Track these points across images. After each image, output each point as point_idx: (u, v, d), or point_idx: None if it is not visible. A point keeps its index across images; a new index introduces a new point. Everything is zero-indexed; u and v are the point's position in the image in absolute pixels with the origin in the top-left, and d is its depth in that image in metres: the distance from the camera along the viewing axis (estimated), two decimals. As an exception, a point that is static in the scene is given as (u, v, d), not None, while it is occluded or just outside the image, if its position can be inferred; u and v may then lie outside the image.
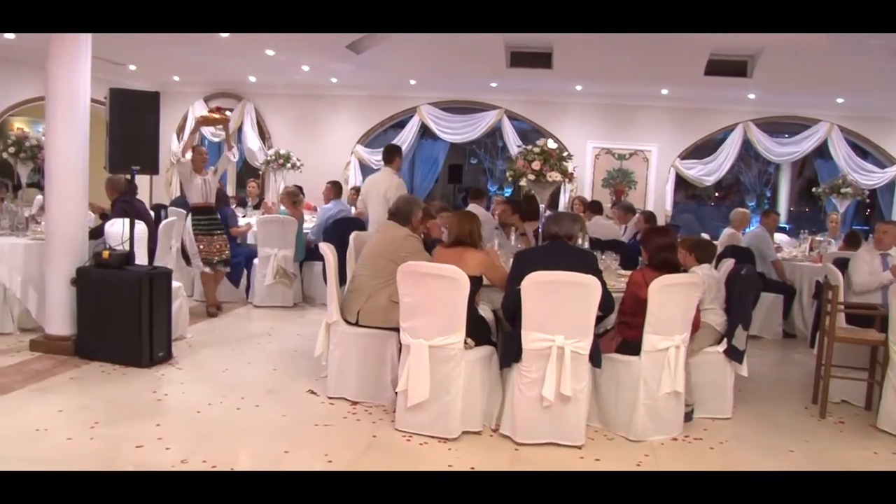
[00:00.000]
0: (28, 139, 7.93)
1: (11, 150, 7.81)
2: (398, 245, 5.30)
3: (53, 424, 4.56)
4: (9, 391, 5.20)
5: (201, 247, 7.63)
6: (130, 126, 6.00)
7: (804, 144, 12.41)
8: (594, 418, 4.82)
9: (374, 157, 12.65)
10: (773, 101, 11.62)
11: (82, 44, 6.13)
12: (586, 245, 6.08)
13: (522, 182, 6.56)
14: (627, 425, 4.72)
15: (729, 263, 5.63)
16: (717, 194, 18.40)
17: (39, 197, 8.80)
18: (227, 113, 5.59)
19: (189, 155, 7.70)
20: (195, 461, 4.11)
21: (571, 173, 6.62)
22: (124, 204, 6.84)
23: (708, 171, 12.42)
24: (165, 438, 4.43)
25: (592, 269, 4.59)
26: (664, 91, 11.37)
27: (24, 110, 10.25)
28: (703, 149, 12.62)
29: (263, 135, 12.98)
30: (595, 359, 4.58)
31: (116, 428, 4.60)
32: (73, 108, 6.01)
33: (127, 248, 6.16)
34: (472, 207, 8.65)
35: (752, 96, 11.26)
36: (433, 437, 4.57)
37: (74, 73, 5.99)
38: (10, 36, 8.12)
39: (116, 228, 6.53)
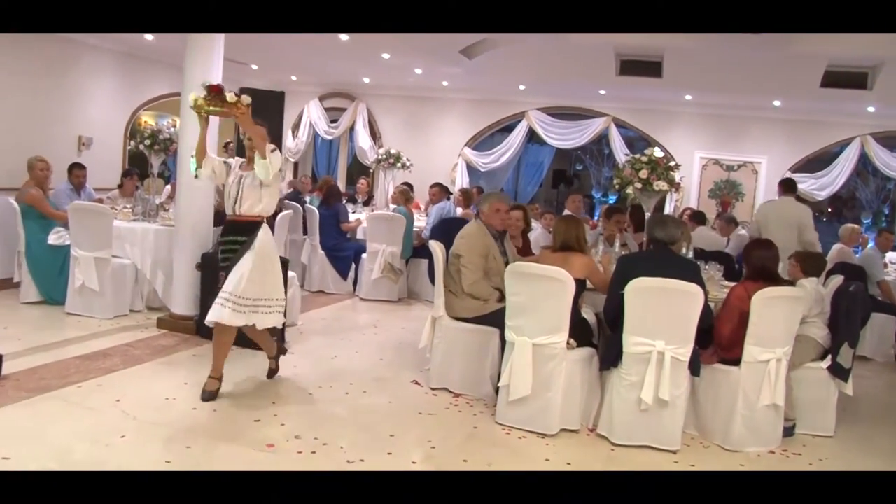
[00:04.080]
0: (161, 132, 8.47)
1: (147, 142, 8.35)
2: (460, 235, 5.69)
3: (180, 395, 4.97)
4: (140, 362, 5.68)
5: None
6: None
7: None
8: (691, 425, 4.87)
9: (482, 159, 12.85)
10: (895, 114, 11.24)
11: (216, 44, 6.54)
12: (690, 255, 6.12)
13: (629, 190, 6.63)
14: (724, 434, 4.77)
15: (838, 280, 5.57)
16: (829, 209, 17.85)
17: (168, 186, 9.38)
18: (243, 98, 4.86)
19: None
20: (308, 437, 4.40)
21: (678, 183, 6.64)
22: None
23: (821, 186, 12.09)
24: (280, 416, 4.75)
25: (696, 278, 4.65)
26: (776, 102, 11.16)
27: (153, 106, 10.88)
28: (815, 162, 12.29)
29: (374, 134, 13.34)
30: (694, 367, 4.65)
31: (235, 402, 4.98)
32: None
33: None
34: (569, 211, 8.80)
35: (871, 109, 10.93)
36: (532, 432, 4.73)
37: (207, 72, 6.38)
38: (149, 37, 8.67)
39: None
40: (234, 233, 5.01)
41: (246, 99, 4.85)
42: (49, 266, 7.34)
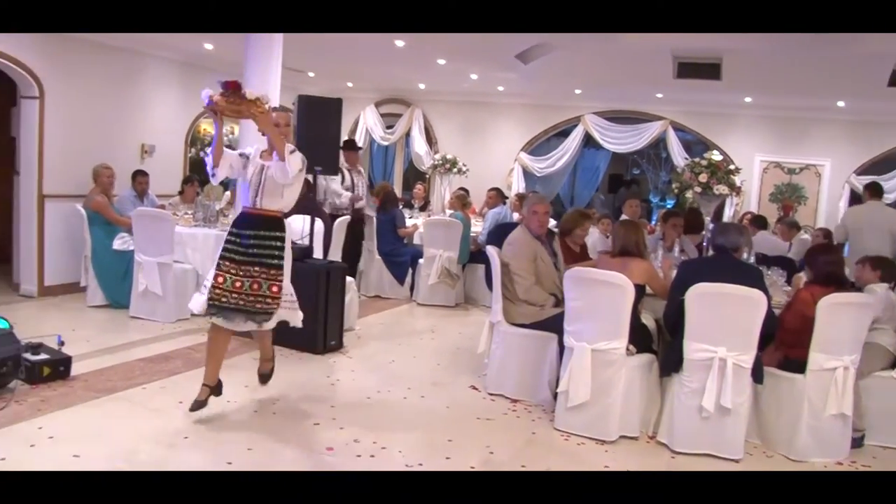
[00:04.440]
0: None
1: (207, 150, 8.51)
2: None
3: (241, 398, 5.06)
4: (201, 365, 5.71)
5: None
6: (315, 130, 6.45)
7: None
8: (753, 434, 4.78)
9: (538, 164, 12.79)
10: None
11: (274, 52, 6.64)
12: (752, 260, 6.01)
13: (688, 194, 6.54)
14: (788, 444, 4.67)
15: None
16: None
17: (228, 193, 9.54)
18: (262, 96, 4.51)
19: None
20: (366, 441, 4.44)
21: (739, 187, 6.52)
22: (306, 202, 7.33)
23: (889, 189, 11.76)
24: (339, 419, 4.80)
25: (759, 284, 4.57)
26: (840, 103, 10.89)
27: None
28: (882, 164, 11.95)
29: (430, 139, 13.40)
30: (757, 374, 4.56)
31: (295, 405, 5.06)
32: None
33: (307, 242, 6.62)
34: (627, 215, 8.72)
35: (942, 108, 10.62)
36: (591, 438, 4.70)
37: (265, 80, 6.49)
38: (208, 46, 8.83)
39: (297, 224, 7.03)
40: (254, 227, 4.61)
41: (266, 98, 4.54)
42: (114, 271, 7.55)
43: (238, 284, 4.50)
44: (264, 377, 5.10)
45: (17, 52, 7.62)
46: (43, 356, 5.19)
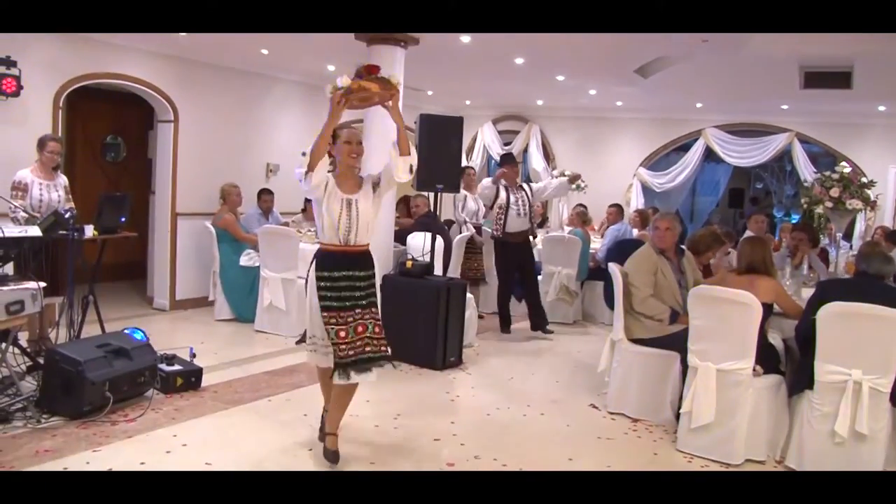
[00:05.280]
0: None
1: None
2: None
3: (362, 412, 5.16)
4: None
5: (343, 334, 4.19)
6: (437, 148, 6.55)
7: None
8: (892, 462, 4.55)
9: (657, 179, 12.58)
10: None
11: (396, 69, 6.73)
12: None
13: (819, 209, 6.31)
14: (932, 473, 4.42)
15: None
16: None
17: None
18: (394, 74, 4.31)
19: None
20: (487, 458, 4.48)
21: (874, 201, 6.25)
22: (427, 219, 7.46)
23: None
24: (460, 435, 4.85)
25: (901, 307, 4.34)
26: None
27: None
28: None
29: (548, 155, 13.37)
30: (896, 398, 4.35)
31: (415, 420, 5.12)
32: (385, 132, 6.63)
33: (428, 259, 6.73)
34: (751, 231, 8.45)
35: None
36: (715, 461, 4.59)
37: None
38: (330, 67, 9.11)
39: (417, 241, 7.18)
40: (349, 266, 4.20)
41: (397, 77, 4.20)
42: (241, 286, 7.90)
43: (360, 329, 4.16)
44: (333, 455, 4.23)
45: (155, 79, 8.12)
46: (177, 367, 5.50)
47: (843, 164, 10.39)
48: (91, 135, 9.58)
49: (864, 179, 6.33)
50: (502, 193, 7.82)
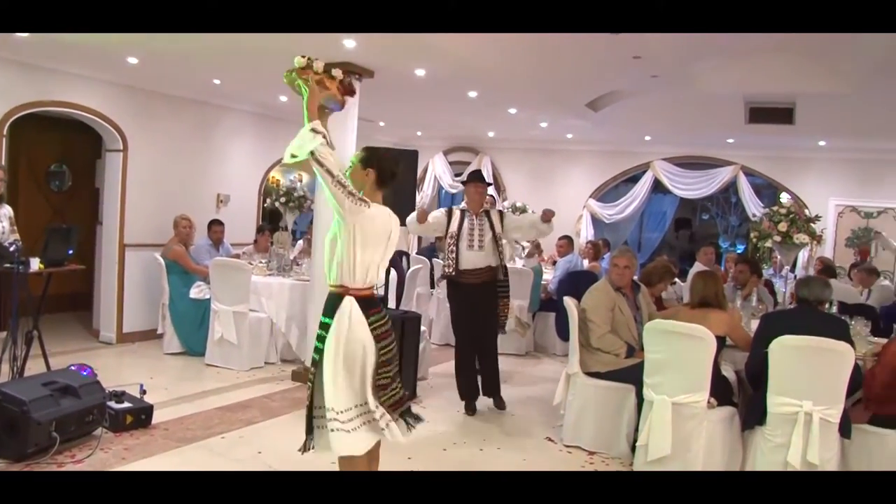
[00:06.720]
0: (296, 190, 8.84)
1: (283, 199, 8.74)
2: None
3: (308, 455, 5.03)
4: (278, 415, 5.89)
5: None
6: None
7: None
8: (843, 491, 4.63)
9: (607, 211, 12.75)
10: None
11: (350, 104, 6.75)
12: (834, 310, 5.86)
13: (768, 243, 6.44)
14: (880, 502, 4.50)
15: None
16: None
17: (301, 241, 9.73)
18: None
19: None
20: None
21: (819, 235, 6.42)
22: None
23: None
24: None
25: (845, 336, 4.45)
26: (919, 146, 10.66)
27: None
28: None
29: (499, 187, 13.45)
30: (845, 429, 4.42)
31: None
32: (341, 164, 6.64)
33: (382, 292, 6.69)
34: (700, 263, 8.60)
35: None
36: (672, 493, 4.60)
37: (341, 131, 6.62)
38: (283, 98, 9.07)
39: (371, 273, 7.10)
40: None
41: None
42: (190, 319, 7.75)
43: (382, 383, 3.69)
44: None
45: (104, 108, 7.98)
46: (126, 404, 5.36)
47: (785, 194, 10.71)
48: (35, 163, 9.29)
49: (809, 213, 6.49)
50: (455, 220, 6.37)
